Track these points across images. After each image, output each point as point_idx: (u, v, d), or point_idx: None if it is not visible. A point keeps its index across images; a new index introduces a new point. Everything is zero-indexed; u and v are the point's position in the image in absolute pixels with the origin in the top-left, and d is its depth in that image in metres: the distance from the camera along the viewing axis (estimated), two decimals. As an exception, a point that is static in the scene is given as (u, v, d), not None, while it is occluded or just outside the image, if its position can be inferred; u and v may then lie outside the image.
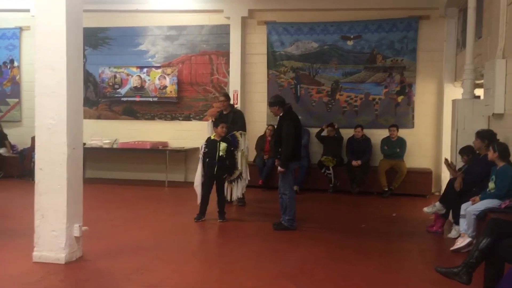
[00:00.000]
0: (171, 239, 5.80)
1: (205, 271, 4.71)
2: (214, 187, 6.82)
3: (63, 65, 4.65)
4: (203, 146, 6.88)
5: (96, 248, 5.14)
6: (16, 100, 11.14)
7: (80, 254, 4.87)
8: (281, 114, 6.32)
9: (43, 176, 4.71)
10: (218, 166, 6.73)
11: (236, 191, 7.42)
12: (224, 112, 7.68)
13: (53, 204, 4.67)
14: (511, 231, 3.77)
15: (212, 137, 6.83)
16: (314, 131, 9.78)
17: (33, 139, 10.01)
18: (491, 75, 6.10)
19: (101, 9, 10.21)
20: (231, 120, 7.50)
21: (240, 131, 7.40)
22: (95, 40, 10.74)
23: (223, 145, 6.74)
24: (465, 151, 6.27)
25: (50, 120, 4.68)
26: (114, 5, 10.28)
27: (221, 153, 6.72)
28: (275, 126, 6.89)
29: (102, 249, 5.19)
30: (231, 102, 8.03)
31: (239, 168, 7.30)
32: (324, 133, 9.56)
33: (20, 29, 11.04)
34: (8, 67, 11.19)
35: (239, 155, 7.28)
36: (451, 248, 5.36)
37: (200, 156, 6.95)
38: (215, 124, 6.93)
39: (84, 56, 10.47)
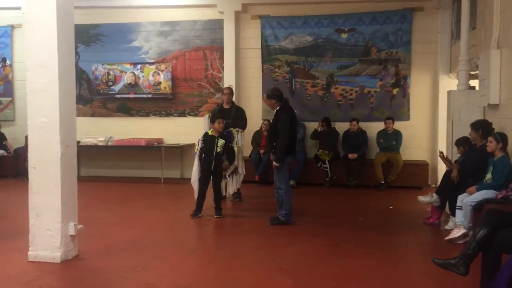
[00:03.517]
0: (168, 236, 5.77)
1: (202, 267, 4.68)
2: (211, 183, 6.80)
3: (54, 63, 4.59)
4: (200, 141, 6.84)
5: (92, 246, 5.11)
6: (9, 99, 11.06)
7: (76, 253, 4.84)
8: (277, 108, 6.28)
9: (37, 175, 4.66)
10: (215, 162, 6.69)
11: (231, 185, 7.39)
12: (225, 107, 7.61)
13: (47, 203, 4.62)
14: (507, 222, 3.75)
15: (210, 133, 6.78)
16: (309, 125, 9.76)
17: (27, 138, 9.95)
18: (486, 65, 6.10)
19: (93, 5, 10.14)
20: (233, 116, 7.44)
21: (237, 128, 7.35)
22: (87, 37, 10.66)
23: (221, 142, 6.69)
24: (461, 142, 6.27)
25: (43, 118, 4.62)
26: (106, 1, 10.21)
27: (218, 149, 6.67)
28: (271, 121, 6.84)
29: (98, 247, 5.16)
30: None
31: (235, 163, 7.27)
32: (319, 129, 9.53)
33: (12, 27, 10.94)
34: (0, 65, 11.09)
35: (235, 150, 7.25)
36: (446, 238, 5.37)
37: (197, 152, 6.90)
38: (213, 120, 6.85)
39: (77, 54, 10.43)
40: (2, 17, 10.85)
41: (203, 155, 6.72)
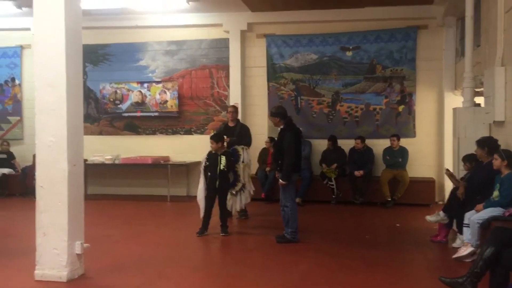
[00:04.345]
0: (173, 254, 5.76)
1: (208, 285, 4.67)
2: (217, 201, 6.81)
3: (62, 83, 4.67)
4: (205, 159, 6.88)
5: (98, 265, 5.11)
6: (18, 118, 11.18)
7: (82, 272, 4.84)
8: (282, 127, 6.31)
9: (44, 193, 4.70)
10: (220, 180, 6.71)
11: (238, 203, 7.39)
12: (230, 125, 7.68)
13: (54, 222, 4.65)
14: (515, 240, 3.73)
15: (213, 151, 6.82)
16: (315, 142, 9.80)
17: (35, 156, 10.01)
18: (491, 82, 6.11)
19: (101, 25, 10.29)
20: (238, 133, 7.50)
21: (242, 146, 7.40)
22: (95, 57, 10.80)
23: (223, 159, 6.73)
24: (468, 159, 6.25)
25: (50, 137, 4.68)
26: (114, 21, 10.36)
27: (222, 167, 6.71)
28: (276, 138, 6.87)
29: (104, 266, 5.16)
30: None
31: (242, 180, 7.28)
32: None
33: (21, 47, 11.11)
34: (10, 85, 11.25)
35: (240, 168, 7.27)
36: (453, 256, 5.32)
37: (202, 169, 6.93)
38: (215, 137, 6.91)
39: (85, 73, 10.57)
40: (12, 38, 11.03)
41: (208, 173, 6.75)
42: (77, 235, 4.78)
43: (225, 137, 7.19)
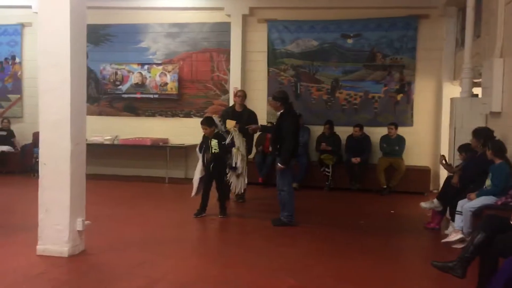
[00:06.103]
0: (172, 234, 5.87)
1: (205, 265, 4.78)
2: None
3: (67, 62, 4.71)
4: (200, 142, 6.99)
5: (98, 242, 5.22)
6: (18, 96, 11.21)
7: (83, 248, 4.95)
8: (281, 111, 6.38)
9: (47, 171, 4.78)
10: (214, 163, 6.78)
11: (239, 186, 7.40)
12: (238, 110, 7.73)
13: (56, 199, 4.74)
14: (506, 227, 3.84)
15: (206, 135, 6.89)
16: (314, 128, 9.87)
17: (34, 134, 10.09)
18: (489, 74, 6.19)
19: (103, 5, 10.26)
20: (246, 119, 7.50)
21: (234, 127, 7.33)
22: (96, 37, 10.78)
23: (213, 142, 6.78)
24: (463, 149, 6.35)
25: (54, 116, 4.74)
26: (116, 2, 10.35)
27: (213, 150, 6.77)
28: (274, 123, 6.91)
29: (104, 243, 5.27)
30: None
31: (238, 165, 7.25)
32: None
33: (22, 25, 11.09)
34: (10, 63, 11.25)
35: (233, 151, 7.22)
36: (442, 240, 5.47)
37: (198, 151, 7.02)
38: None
39: (86, 53, 10.53)
40: (13, 16, 11.00)
41: (205, 156, 6.84)
42: (78, 212, 4.88)
43: (235, 122, 7.14)
